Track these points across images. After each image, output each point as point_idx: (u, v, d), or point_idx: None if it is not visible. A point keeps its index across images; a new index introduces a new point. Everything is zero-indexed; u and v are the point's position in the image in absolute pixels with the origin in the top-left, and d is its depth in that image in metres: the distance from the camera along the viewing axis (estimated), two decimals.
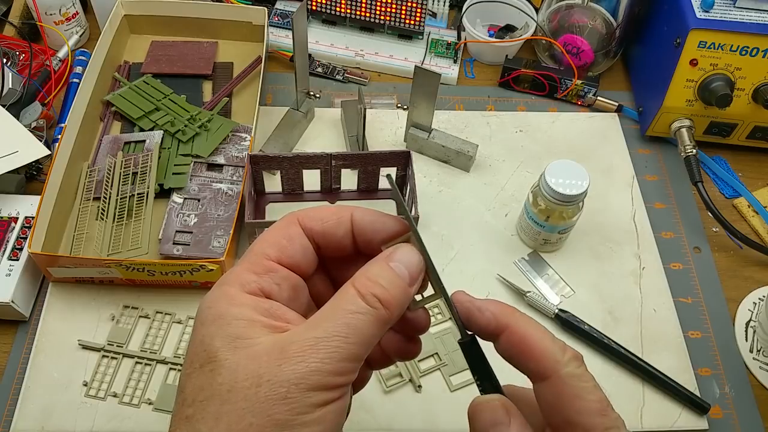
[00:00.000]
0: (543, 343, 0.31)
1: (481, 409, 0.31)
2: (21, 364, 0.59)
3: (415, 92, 0.70)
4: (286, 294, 0.32)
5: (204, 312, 0.30)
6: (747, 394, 0.62)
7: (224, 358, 0.28)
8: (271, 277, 0.32)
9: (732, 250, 0.72)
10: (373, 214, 0.34)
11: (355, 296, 0.30)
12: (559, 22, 0.83)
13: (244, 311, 0.30)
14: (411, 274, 0.32)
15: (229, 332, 0.29)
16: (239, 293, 0.31)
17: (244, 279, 0.31)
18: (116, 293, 0.63)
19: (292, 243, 0.33)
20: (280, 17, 0.87)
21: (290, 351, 0.28)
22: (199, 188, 0.68)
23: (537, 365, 0.31)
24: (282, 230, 0.33)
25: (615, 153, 0.78)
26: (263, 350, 0.28)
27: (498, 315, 0.32)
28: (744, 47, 0.69)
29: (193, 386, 0.29)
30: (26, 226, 0.63)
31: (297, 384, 0.27)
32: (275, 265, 0.32)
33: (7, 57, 0.77)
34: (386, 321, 0.30)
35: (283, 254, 0.33)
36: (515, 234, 0.70)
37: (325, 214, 0.34)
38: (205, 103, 0.77)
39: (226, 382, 0.28)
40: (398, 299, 0.31)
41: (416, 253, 0.33)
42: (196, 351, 0.29)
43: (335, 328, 0.29)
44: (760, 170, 0.78)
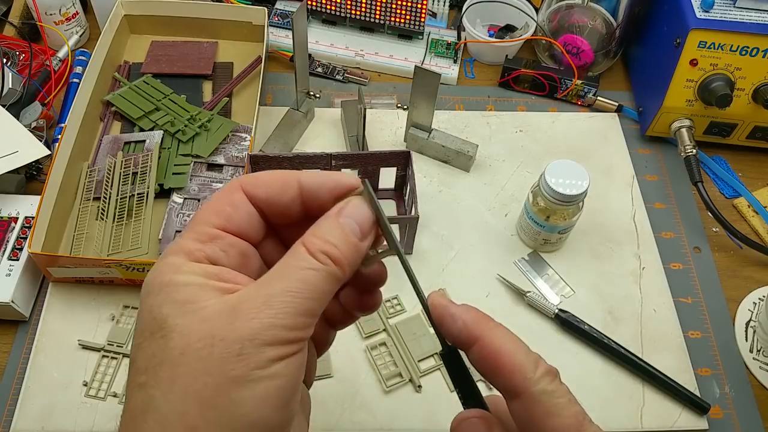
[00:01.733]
0: (515, 358, 0.30)
1: (464, 427, 0.31)
2: (21, 364, 0.59)
3: (415, 92, 0.70)
4: (235, 261, 0.32)
5: (150, 283, 0.30)
6: (747, 394, 0.62)
7: (174, 323, 0.28)
8: (216, 244, 0.31)
9: (732, 250, 0.72)
10: (322, 175, 0.33)
11: (305, 253, 0.29)
12: (559, 22, 0.83)
13: (191, 277, 0.29)
14: (362, 229, 0.31)
15: (178, 298, 0.28)
16: (185, 262, 0.30)
17: (188, 248, 0.30)
18: (116, 293, 0.63)
19: (236, 210, 0.32)
20: (280, 17, 0.87)
21: (242, 309, 0.27)
22: (199, 188, 0.68)
23: (508, 382, 0.30)
24: (225, 197, 0.32)
25: (615, 153, 0.78)
26: (214, 311, 0.28)
27: (470, 325, 0.31)
28: (744, 47, 0.69)
29: (145, 354, 0.28)
30: (26, 226, 0.63)
31: (251, 340, 0.27)
32: (220, 232, 0.31)
33: (7, 57, 0.77)
34: (339, 278, 0.30)
35: (228, 222, 0.32)
36: (515, 234, 0.70)
37: (269, 179, 0.33)
38: (205, 103, 0.77)
39: (178, 346, 0.27)
40: (349, 256, 0.30)
41: (366, 207, 0.31)
42: (145, 321, 0.29)
43: (287, 284, 0.28)
44: (760, 170, 0.78)
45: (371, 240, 0.32)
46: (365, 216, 0.31)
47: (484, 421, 0.31)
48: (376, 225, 0.32)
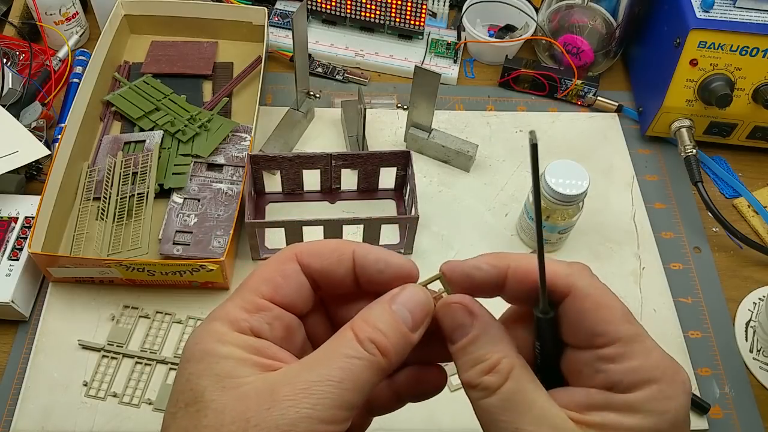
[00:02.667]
0: (553, 264, 0.30)
1: (443, 314, 0.31)
2: (21, 364, 0.59)
3: (415, 92, 0.70)
4: (279, 334, 0.31)
5: (190, 348, 0.29)
6: (747, 394, 0.62)
7: (210, 398, 0.27)
8: (262, 316, 0.30)
9: (732, 250, 0.72)
10: (377, 253, 0.32)
11: (352, 340, 0.28)
12: (559, 22, 0.83)
13: (232, 350, 0.28)
14: (414, 319, 0.30)
15: (217, 371, 0.28)
16: (228, 331, 0.29)
17: (234, 316, 0.30)
18: (116, 293, 0.63)
19: (287, 280, 0.31)
20: (280, 17, 0.87)
21: (280, 394, 0.26)
22: (199, 188, 0.68)
23: (554, 283, 0.30)
24: (278, 266, 0.31)
25: (615, 153, 0.78)
26: (252, 391, 0.27)
27: (495, 263, 0.31)
28: (744, 47, 0.69)
29: (178, 427, 0.27)
30: (26, 226, 0.63)
31: (287, 431, 0.26)
32: (267, 303, 0.31)
33: (7, 57, 0.77)
34: (383, 369, 0.29)
35: (277, 292, 0.31)
36: (515, 234, 0.70)
37: (325, 250, 0.32)
38: (205, 103, 0.77)
39: (211, 425, 0.26)
40: (397, 347, 0.29)
41: (423, 295, 0.30)
42: (182, 389, 0.28)
43: (329, 372, 0.27)
44: (760, 170, 0.78)
45: (423, 330, 0.31)
46: (420, 305, 0.30)
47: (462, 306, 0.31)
48: (429, 315, 0.31)
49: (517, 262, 0.31)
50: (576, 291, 0.29)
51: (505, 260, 0.31)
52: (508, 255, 0.31)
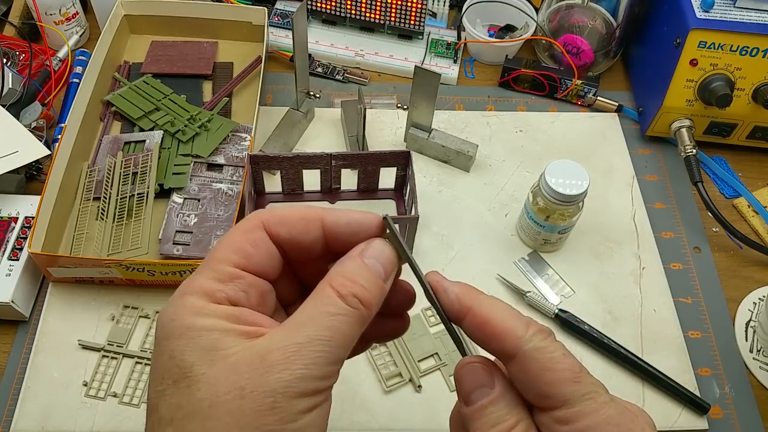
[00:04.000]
0: (506, 322, 0.30)
1: (466, 372, 0.31)
2: (21, 364, 0.59)
3: (415, 92, 0.70)
4: (254, 300, 0.31)
5: (167, 325, 0.29)
6: (747, 394, 0.62)
7: (200, 372, 0.27)
8: (237, 284, 0.30)
9: (732, 250, 0.72)
10: (348, 216, 0.33)
11: (334, 297, 0.29)
12: (559, 22, 0.83)
13: (214, 321, 0.28)
14: (386, 270, 0.31)
15: (202, 344, 0.28)
16: (206, 303, 0.29)
17: (209, 287, 0.30)
18: (116, 293, 0.63)
19: (257, 249, 0.32)
20: (280, 17, 0.87)
21: (272, 359, 0.27)
22: (199, 188, 0.68)
23: (501, 345, 0.30)
24: (246, 234, 0.32)
25: (615, 153, 0.78)
26: (242, 360, 0.27)
27: (461, 297, 0.31)
28: (744, 47, 0.69)
29: (170, 404, 0.27)
30: (26, 226, 0.63)
31: (283, 392, 0.26)
32: (240, 272, 0.31)
33: (7, 57, 0.77)
34: (366, 320, 0.30)
35: (249, 261, 0.31)
36: (515, 234, 0.70)
37: (292, 218, 0.32)
38: (205, 103, 0.77)
39: (206, 398, 0.26)
40: (377, 297, 0.30)
41: (389, 248, 0.32)
42: (166, 367, 0.28)
43: (317, 332, 0.28)
44: (760, 170, 0.78)
45: (392, 281, 0.32)
46: (389, 257, 0.32)
47: (483, 365, 0.31)
48: (396, 265, 0.32)
49: (479, 308, 0.31)
50: (521, 354, 0.29)
51: (470, 301, 0.31)
52: (477, 296, 0.31)
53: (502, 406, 0.30)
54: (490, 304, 0.31)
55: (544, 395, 0.29)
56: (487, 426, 0.30)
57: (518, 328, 0.30)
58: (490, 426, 0.30)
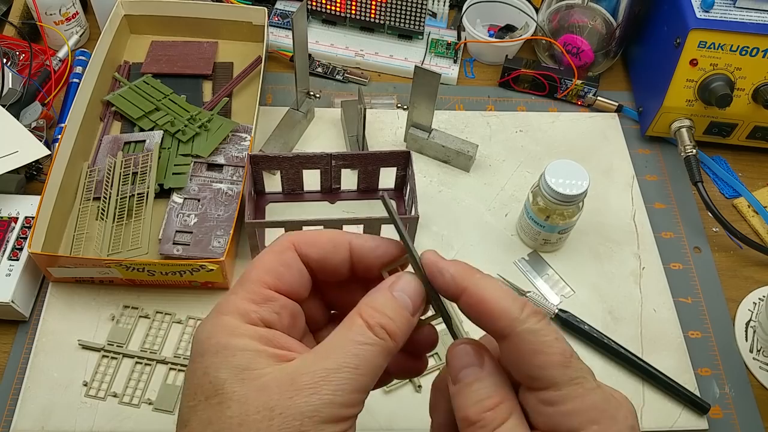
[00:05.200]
0: (501, 303, 0.30)
1: (456, 352, 0.32)
2: (21, 364, 0.59)
3: (415, 92, 0.70)
4: (286, 322, 0.32)
5: (204, 343, 0.30)
6: (747, 394, 0.62)
7: (232, 390, 0.28)
8: (270, 306, 0.32)
9: (732, 250, 0.72)
10: (373, 241, 0.34)
11: (363, 327, 0.30)
12: (559, 22, 0.83)
13: (247, 342, 0.29)
14: (414, 304, 0.32)
15: (235, 364, 0.29)
16: (240, 324, 0.30)
17: (244, 308, 0.31)
18: (116, 293, 0.63)
19: (289, 270, 0.33)
20: (280, 17, 0.87)
21: (301, 382, 0.28)
22: (199, 188, 0.68)
23: (495, 325, 0.30)
24: (278, 256, 0.33)
25: (615, 153, 0.78)
26: (273, 381, 0.28)
27: (456, 277, 0.32)
28: (744, 47, 0.69)
29: (200, 420, 0.28)
30: (26, 226, 0.63)
31: (311, 417, 0.27)
32: (273, 293, 0.32)
33: (7, 57, 0.77)
34: (392, 351, 0.31)
35: (281, 281, 0.32)
36: (515, 234, 0.70)
37: (321, 240, 0.34)
38: (205, 103, 0.77)
39: (236, 416, 0.27)
40: (403, 329, 0.31)
41: (418, 282, 0.33)
42: (200, 383, 0.29)
43: (345, 360, 0.29)
44: (760, 170, 0.78)
45: (420, 313, 0.33)
46: (417, 291, 0.32)
47: (473, 346, 0.32)
48: (424, 299, 0.33)
49: (474, 288, 0.31)
50: (513, 336, 0.30)
51: (465, 281, 0.31)
52: (472, 275, 0.32)
53: (488, 384, 0.31)
54: (486, 284, 0.31)
55: (533, 376, 0.29)
56: (471, 402, 0.30)
57: (513, 309, 0.30)
58: (474, 402, 0.30)
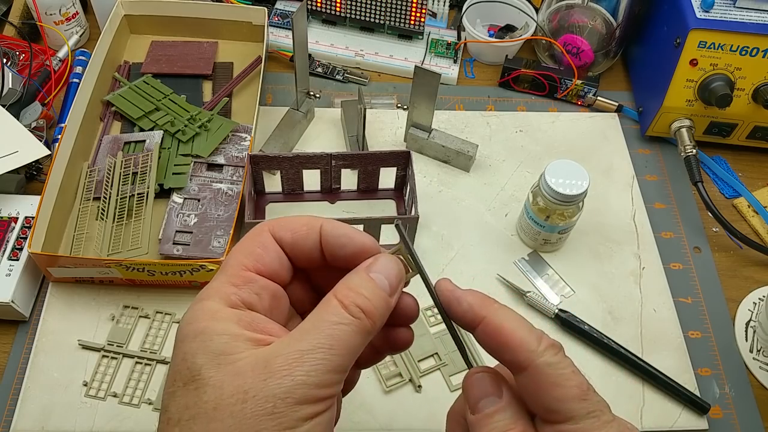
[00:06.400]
0: (518, 333, 0.31)
1: (474, 381, 0.32)
2: (21, 364, 0.59)
3: (415, 92, 0.70)
4: (267, 303, 0.32)
5: (184, 328, 0.30)
6: (747, 394, 0.62)
7: (208, 375, 0.28)
8: (250, 287, 0.32)
9: (732, 250, 0.72)
10: (342, 228, 0.34)
11: (338, 306, 0.30)
12: (559, 22, 0.83)
13: (226, 326, 0.29)
14: (391, 285, 0.32)
15: (212, 348, 0.29)
16: (221, 307, 0.30)
17: (224, 291, 0.31)
18: (116, 293, 0.63)
19: (266, 251, 0.33)
20: (280, 17, 0.87)
21: (275, 365, 0.28)
22: (199, 188, 0.68)
23: (513, 356, 0.30)
24: (254, 239, 0.33)
25: (615, 153, 0.78)
26: (248, 366, 0.28)
27: (474, 306, 0.32)
28: (744, 47, 0.69)
29: (178, 405, 0.28)
30: (26, 226, 0.63)
31: (283, 398, 0.27)
32: (253, 275, 0.32)
33: (7, 57, 0.77)
34: (369, 331, 0.30)
35: (260, 262, 0.33)
36: (515, 234, 0.70)
37: (295, 224, 0.34)
38: (205, 103, 0.77)
39: (211, 400, 0.27)
40: (380, 309, 0.31)
41: (395, 263, 0.33)
42: (178, 369, 0.29)
43: (319, 340, 0.29)
44: (760, 170, 0.78)
45: (399, 295, 0.33)
46: (394, 271, 0.32)
47: (491, 375, 0.32)
48: (403, 280, 0.33)
49: (493, 317, 0.31)
50: (533, 368, 0.30)
51: (483, 310, 0.32)
52: (490, 305, 0.32)
53: (509, 415, 0.31)
54: (504, 315, 0.31)
55: (551, 409, 0.30)
56: None
57: (531, 341, 0.30)
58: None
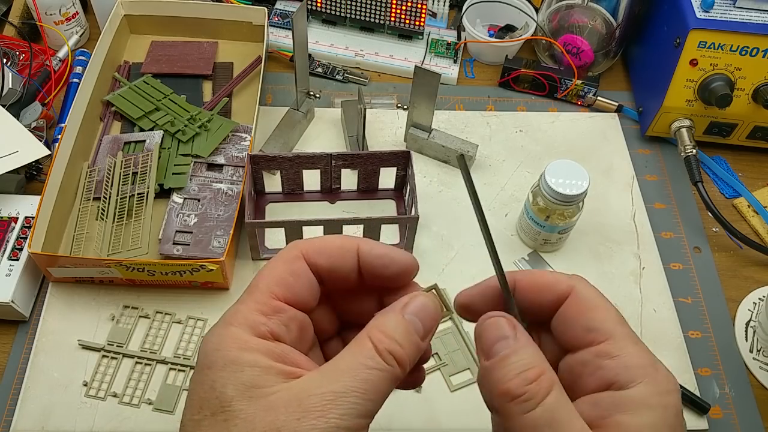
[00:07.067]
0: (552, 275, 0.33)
1: (487, 326, 0.32)
2: (21, 364, 0.59)
3: (415, 92, 0.70)
4: (295, 334, 0.32)
5: (212, 354, 0.29)
6: (747, 394, 0.62)
7: (239, 408, 0.28)
8: (279, 318, 0.31)
9: (732, 250, 0.72)
10: (382, 248, 0.33)
11: (372, 351, 0.30)
12: (559, 22, 0.83)
13: (257, 357, 0.29)
14: (425, 328, 0.32)
15: (243, 380, 0.28)
16: (250, 337, 0.30)
17: (253, 320, 0.30)
18: (116, 293, 0.63)
19: (298, 280, 0.32)
20: (280, 17, 0.87)
21: (309, 404, 0.27)
22: (199, 188, 0.68)
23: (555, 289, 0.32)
24: (287, 265, 0.32)
25: (615, 153, 0.78)
26: (280, 401, 0.28)
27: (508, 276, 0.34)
28: (744, 47, 0.69)
29: None
30: (26, 226, 0.63)
31: None
32: (283, 305, 0.31)
33: (7, 57, 0.77)
34: (399, 377, 0.30)
35: (290, 292, 0.32)
36: (515, 234, 0.70)
37: (330, 247, 0.33)
38: (205, 103, 0.77)
39: None
40: (412, 356, 0.31)
41: (433, 305, 0.32)
42: (206, 397, 0.28)
43: (353, 384, 0.28)
44: (760, 170, 0.78)
45: (430, 339, 0.33)
46: (430, 314, 0.32)
47: (507, 320, 0.32)
48: (437, 324, 0.33)
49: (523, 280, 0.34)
50: (576, 292, 0.32)
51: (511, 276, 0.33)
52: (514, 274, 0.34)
53: (527, 354, 0.30)
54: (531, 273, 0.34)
55: (591, 328, 0.31)
56: (512, 374, 0.29)
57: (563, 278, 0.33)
58: (514, 374, 0.29)
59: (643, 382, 0.30)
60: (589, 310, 0.32)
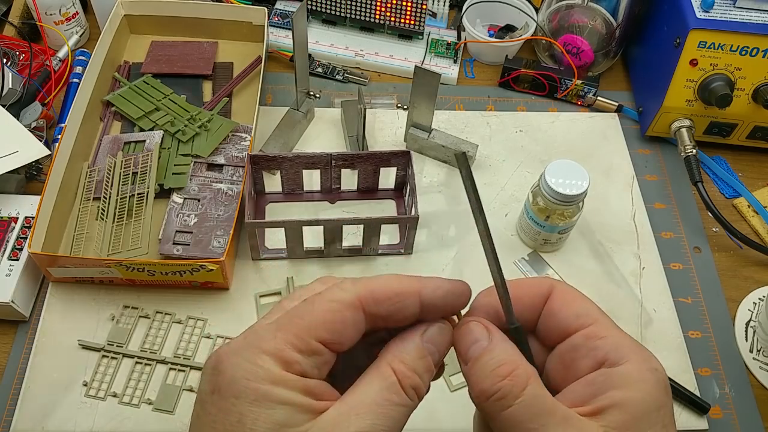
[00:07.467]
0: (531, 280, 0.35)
1: (461, 332, 0.32)
2: (21, 364, 0.59)
3: (415, 92, 0.70)
4: (323, 373, 0.31)
5: (239, 383, 0.28)
6: (747, 394, 0.62)
7: None
8: (315, 360, 0.30)
9: (732, 250, 0.72)
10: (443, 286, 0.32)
11: (397, 386, 0.30)
12: (559, 22, 0.83)
13: (288, 395, 0.28)
14: (440, 354, 0.32)
15: (275, 418, 0.28)
16: (281, 372, 0.29)
17: (288, 356, 0.29)
18: (116, 293, 0.63)
19: (346, 329, 0.30)
20: (280, 17, 0.87)
21: None
22: (199, 188, 0.68)
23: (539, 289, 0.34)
24: (339, 312, 0.30)
25: (615, 153, 0.78)
26: None
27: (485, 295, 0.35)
28: (744, 47, 0.69)
29: None
30: (26, 226, 0.63)
31: None
32: (322, 348, 0.30)
33: (7, 57, 0.77)
34: (415, 407, 0.31)
35: (334, 337, 0.30)
36: (515, 234, 0.70)
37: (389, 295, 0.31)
38: (205, 103, 0.77)
39: None
40: (427, 384, 0.31)
41: (448, 333, 0.32)
42: (232, 429, 0.28)
43: (380, 421, 0.29)
44: (760, 170, 0.78)
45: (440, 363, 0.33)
46: (446, 343, 0.32)
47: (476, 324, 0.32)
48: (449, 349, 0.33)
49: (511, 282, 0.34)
50: (558, 289, 0.34)
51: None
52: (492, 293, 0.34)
53: (498, 352, 0.31)
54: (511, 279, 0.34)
55: (580, 314, 0.33)
56: (485, 374, 0.30)
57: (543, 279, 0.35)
58: (487, 373, 0.30)
59: (633, 359, 0.31)
60: (574, 300, 0.33)
